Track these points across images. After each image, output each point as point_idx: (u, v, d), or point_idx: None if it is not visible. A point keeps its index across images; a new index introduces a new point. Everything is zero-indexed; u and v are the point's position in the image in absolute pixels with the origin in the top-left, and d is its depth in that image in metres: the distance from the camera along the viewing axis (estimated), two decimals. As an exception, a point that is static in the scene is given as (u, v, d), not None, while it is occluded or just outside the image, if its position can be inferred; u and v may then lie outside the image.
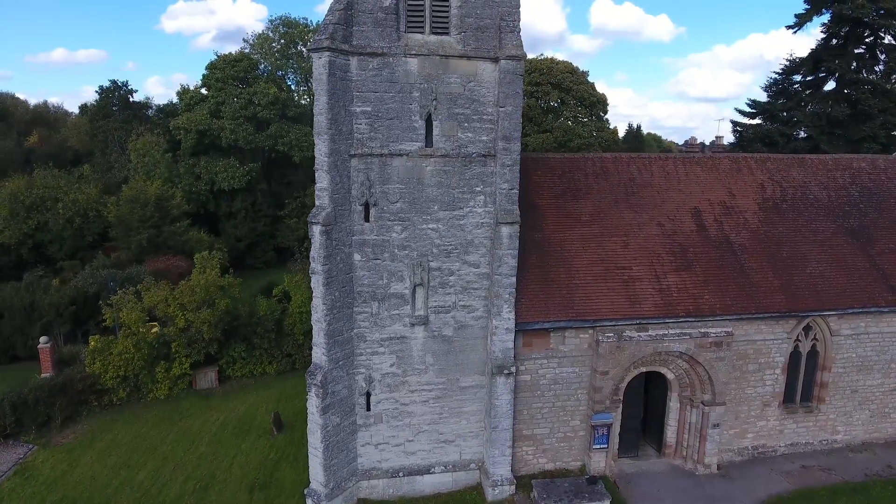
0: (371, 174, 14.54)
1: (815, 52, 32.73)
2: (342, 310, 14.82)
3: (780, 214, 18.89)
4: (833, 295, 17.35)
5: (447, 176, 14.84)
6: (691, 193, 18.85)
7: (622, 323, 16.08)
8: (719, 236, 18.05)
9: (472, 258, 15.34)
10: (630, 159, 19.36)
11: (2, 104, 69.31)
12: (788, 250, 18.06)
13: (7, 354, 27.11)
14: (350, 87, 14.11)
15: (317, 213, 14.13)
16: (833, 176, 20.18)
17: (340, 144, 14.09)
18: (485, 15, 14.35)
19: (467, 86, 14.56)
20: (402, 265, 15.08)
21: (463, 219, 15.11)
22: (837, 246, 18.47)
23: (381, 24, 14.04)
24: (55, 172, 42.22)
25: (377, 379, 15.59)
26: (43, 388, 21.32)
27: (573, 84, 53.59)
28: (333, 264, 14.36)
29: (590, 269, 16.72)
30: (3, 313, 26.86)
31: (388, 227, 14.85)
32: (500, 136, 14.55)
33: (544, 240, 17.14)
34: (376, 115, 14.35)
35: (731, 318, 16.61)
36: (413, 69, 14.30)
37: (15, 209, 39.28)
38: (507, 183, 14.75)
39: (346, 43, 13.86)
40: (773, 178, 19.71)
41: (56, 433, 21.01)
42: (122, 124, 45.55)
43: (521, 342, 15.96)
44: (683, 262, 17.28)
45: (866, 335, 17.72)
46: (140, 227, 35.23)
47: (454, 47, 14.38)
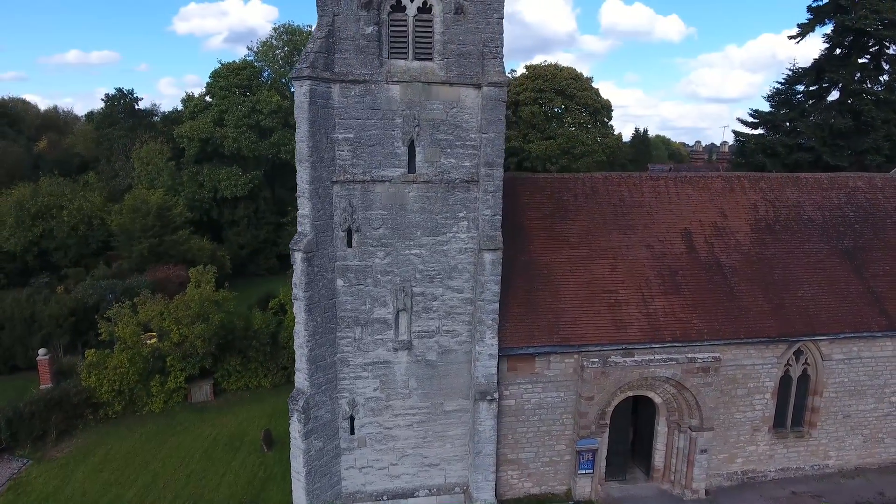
0: (353, 200, 14.56)
1: (818, 62, 32.28)
2: (325, 335, 14.86)
3: (772, 235, 18.67)
4: (825, 319, 17.12)
5: (430, 202, 14.82)
6: (682, 214, 18.68)
7: (607, 348, 15.97)
8: (709, 258, 17.87)
9: (455, 283, 15.31)
10: (620, 179, 19.23)
11: (12, 109, 70.15)
12: (780, 273, 17.85)
13: (7, 365, 27.42)
14: (332, 113, 14.14)
15: (298, 240, 14.18)
16: (828, 195, 19.91)
17: (322, 171, 14.12)
18: (467, 41, 14.31)
19: (450, 112, 14.53)
20: (385, 290, 15.08)
21: (446, 244, 15.08)
22: (831, 268, 18.23)
23: (363, 51, 14.04)
24: (60, 180, 42.73)
25: (361, 403, 15.61)
26: (38, 402, 21.56)
27: (577, 90, 53.37)
28: (315, 290, 14.40)
29: (576, 293, 16.62)
30: (4, 324, 27.17)
31: (371, 252, 14.86)
32: (483, 163, 14.50)
33: (531, 262, 17.06)
34: (358, 141, 14.36)
35: (720, 342, 16.44)
36: (395, 96, 14.29)
37: (20, 217, 39.81)
38: (490, 209, 14.70)
39: (328, 70, 13.88)
40: (766, 197, 19.48)
41: (51, 447, 21.24)
42: (127, 132, 45.97)
43: (505, 366, 15.91)
44: (672, 285, 17.12)
45: (859, 360, 17.46)
46: (141, 236, 35.54)
47: (437, 74, 14.36)
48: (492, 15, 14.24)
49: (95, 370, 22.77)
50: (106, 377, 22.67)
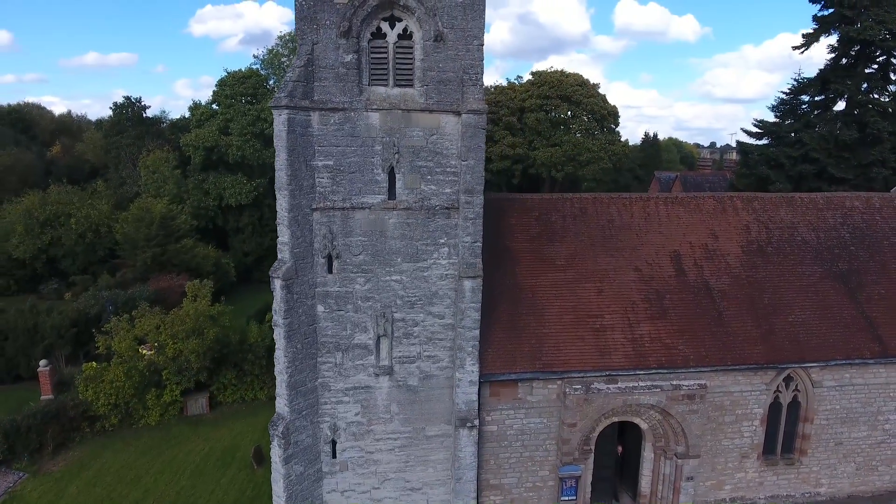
0: (333, 227, 14.59)
1: (823, 73, 31.78)
2: (305, 360, 14.92)
3: (764, 258, 18.39)
4: (815, 345, 16.83)
5: (410, 228, 14.81)
6: (672, 236, 18.48)
7: (590, 374, 15.84)
8: (698, 281, 17.66)
9: (436, 309, 15.28)
10: (610, 200, 19.07)
11: (27, 115, 71.43)
12: (770, 297, 17.58)
13: (11, 375, 27.89)
14: (312, 141, 14.18)
15: (277, 268, 14.25)
16: (823, 216, 19.57)
17: (301, 199, 14.17)
18: (447, 68, 14.27)
19: (430, 139, 14.50)
20: (366, 316, 15.10)
21: (427, 270, 15.06)
22: (823, 292, 17.91)
23: (342, 79, 14.07)
24: (69, 188, 43.40)
25: (342, 427, 15.65)
26: (36, 415, 21.90)
27: (583, 97, 53.05)
28: (295, 317, 14.46)
29: (560, 318, 16.51)
30: (7, 335, 27.64)
31: (352, 278, 14.89)
32: (463, 190, 14.45)
33: (516, 286, 16.98)
34: (338, 168, 14.39)
35: (706, 369, 16.24)
36: (375, 123, 14.30)
37: (29, 225, 40.51)
38: (470, 236, 14.65)
39: (307, 99, 13.93)
40: (759, 218, 19.20)
41: (48, 460, 21.57)
42: (134, 140, 46.56)
43: (488, 392, 15.86)
44: (659, 310, 16.94)
45: (851, 387, 17.14)
46: (145, 245, 35.96)
47: (416, 101, 14.34)
48: (472, 42, 14.18)
49: (92, 383, 23.08)
50: (102, 391, 22.97)
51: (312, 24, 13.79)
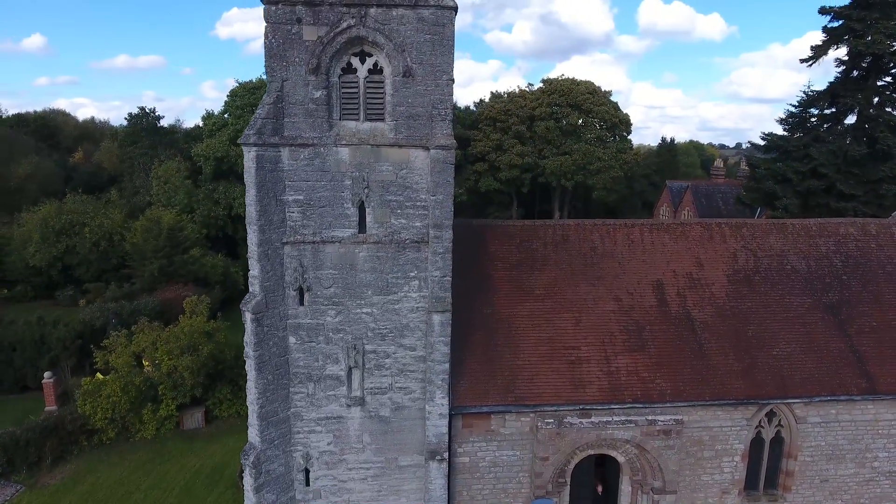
0: (304, 260, 14.73)
1: (832, 86, 30.91)
2: (277, 391, 15.10)
3: (750, 287, 18.01)
4: (798, 380, 16.43)
5: (381, 261, 14.87)
6: (655, 264, 18.21)
7: (564, 408, 15.72)
8: (680, 312, 17.37)
9: (407, 342, 15.32)
10: (593, 226, 18.85)
11: (52, 121, 73.48)
12: (755, 329, 17.21)
13: (18, 385, 28.78)
14: (282, 176, 14.34)
15: (247, 301, 14.45)
16: (815, 243, 19.07)
17: (272, 234, 14.34)
18: (416, 103, 14.28)
19: (399, 173, 14.53)
20: (338, 348, 15.22)
21: (398, 303, 15.10)
22: (811, 324, 17.47)
23: (312, 115, 14.18)
24: (84, 198, 44.54)
25: (315, 456, 15.80)
26: (35, 429, 22.59)
27: (594, 105, 52.57)
28: (266, 349, 14.65)
29: (536, 349, 16.42)
30: (15, 346, 28.52)
31: (323, 311, 15.01)
32: (432, 224, 14.45)
33: (493, 315, 16.93)
34: (308, 203, 14.52)
35: (683, 404, 15.99)
36: (344, 158, 14.39)
37: (46, 234, 41.69)
38: (440, 270, 14.65)
39: (277, 135, 14.08)
40: (747, 246, 18.80)
41: (45, 473, 22.24)
42: (147, 150, 47.60)
43: (461, 423, 15.85)
44: (637, 342, 16.72)
45: (837, 423, 16.69)
46: (153, 256, 36.74)
47: (386, 136, 14.38)
48: (441, 77, 14.17)
49: (90, 398, 23.70)
50: (99, 405, 23.57)
51: (282, 62, 13.93)
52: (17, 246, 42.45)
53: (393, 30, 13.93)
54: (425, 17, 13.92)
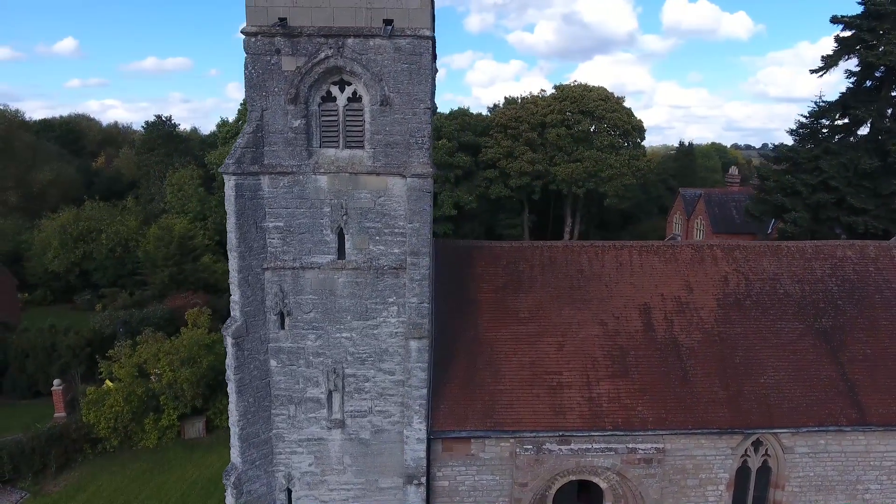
0: (284, 286, 14.97)
1: (844, 96, 30.16)
2: (259, 413, 15.38)
3: (741, 312, 17.71)
4: (786, 410, 16.12)
5: (359, 287, 15.03)
6: (643, 287, 18.03)
7: (542, 434, 15.68)
8: (667, 338, 17.18)
9: (386, 366, 15.46)
10: (582, 248, 18.75)
11: (76, 126, 75.47)
12: (743, 355, 16.93)
13: (31, 390, 29.72)
14: (262, 204, 14.59)
15: (228, 326, 14.74)
16: (811, 266, 18.67)
17: (252, 260, 14.61)
18: (394, 131, 14.40)
19: (377, 200, 14.67)
20: (318, 371, 15.43)
21: (377, 328, 15.24)
22: (802, 350, 17.12)
23: (291, 144, 14.41)
24: (101, 205, 45.72)
25: (297, 477, 16.04)
26: (40, 437, 23.31)
27: (606, 111, 52.08)
28: (246, 372, 14.93)
29: (517, 373, 16.40)
30: (28, 353, 29.47)
31: (303, 335, 15.23)
32: (409, 252, 14.57)
33: (477, 338, 16.96)
34: (288, 229, 14.75)
35: (665, 432, 15.81)
36: (323, 185, 14.58)
37: (64, 240, 42.96)
38: (417, 297, 14.75)
39: (257, 164, 14.33)
40: (739, 269, 18.50)
41: (50, 481, 22.95)
42: (163, 158, 48.60)
43: (440, 447, 15.92)
44: (621, 368, 16.59)
45: (826, 454, 16.33)
46: (163, 265, 37.55)
47: (364, 163, 14.53)
48: (418, 106, 14.26)
49: (94, 407, 24.36)
50: (103, 414, 24.21)
51: (262, 92, 14.18)
52: (38, 251, 43.83)
53: (370, 59, 14.07)
54: (402, 46, 14.03)
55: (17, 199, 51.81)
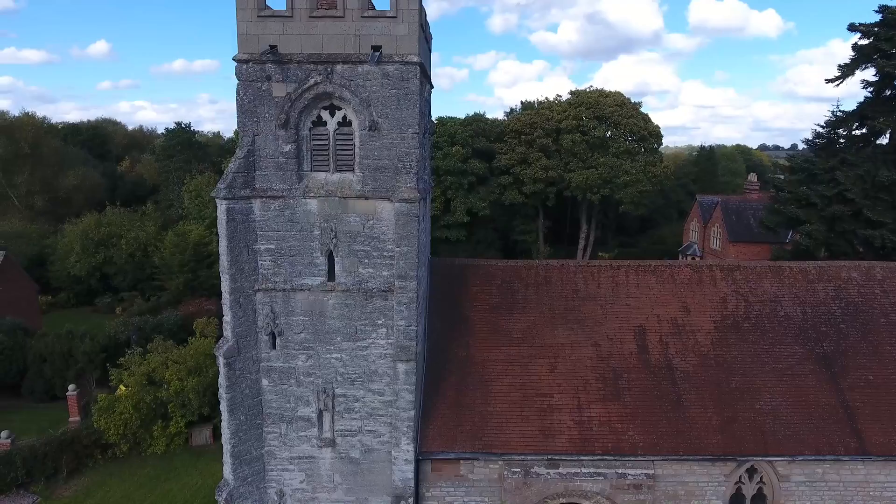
0: (276, 307, 15.21)
1: (862, 106, 29.40)
2: (251, 430, 15.65)
3: (739, 335, 17.43)
4: (781, 437, 15.81)
5: (349, 309, 15.19)
6: (639, 308, 17.86)
7: (531, 458, 15.65)
8: (661, 361, 16.99)
9: (376, 387, 15.59)
10: (577, 268, 18.65)
11: (103, 131, 77.44)
12: (739, 380, 16.65)
13: (48, 394, 30.68)
14: (254, 227, 14.85)
15: (220, 346, 15.05)
16: (813, 288, 18.28)
17: (243, 282, 14.88)
18: (382, 156, 14.53)
19: (366, 224, 14.81)
20: (308, 391, 15.64)
21: (366, 349, 15.39)
22: (801, 376, 16.77)
23: (281, 168, 14.63)
24: (121, 211, 46.90)
25: (288, 493, 16.28)
26: (52, 442, 24.08)
27: (622, 117, 51.60)
28: (238, 391, 15.21)
29: (507, 395, 16.40)
30: (46, 358, 30.42)
31: (294, 355, 15.46)
32: (397, 275, 14.67)
33: (468, 358, 17.01)
34: (279, 252, 14.98)
35: (656, 458, 15.64)
36: (313, 209, 14.77)
37: (86, 245, 44.20)
38: (405, 320, 14.85)
39: (248, 188, 14.60)
40: (739, 290, 18.20)
41: (61, 485, 23.70)
42: (182, 164, 49.62)
43: (429, 467, 16.01)
44: (613, 391, 16.46)
45: (823, 483, 15.97)
46: (179, 271, 38.37)
47: (353, 187, 14.68)
48: (406, 131, 14.37)
49: (105, 414, 25.04)
50: (113, 421, 24.88)
51: (253, 117, 14.43)
52: (61, 256, 45.17)
53: (359, 85, 14.22)
54: (390, 72, 14.15)
55: (44, 204, 53.44)
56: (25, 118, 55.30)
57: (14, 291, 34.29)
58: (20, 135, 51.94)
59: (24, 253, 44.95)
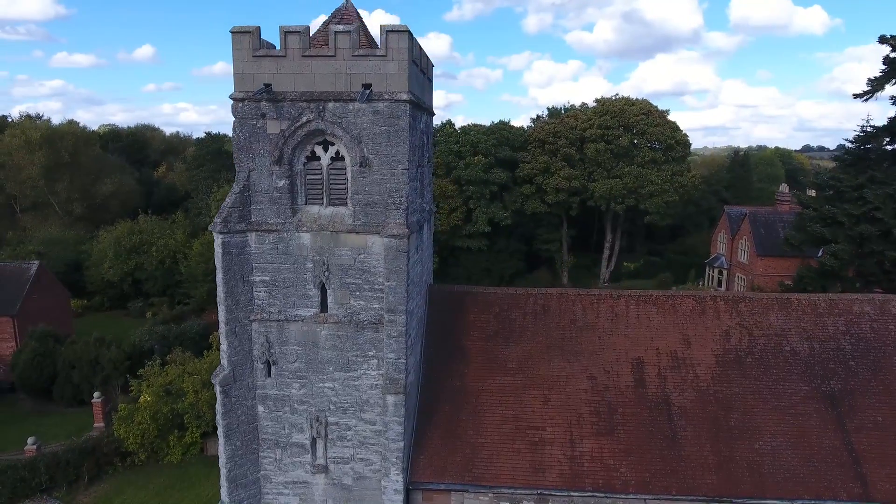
0: (270, 336, 15.60)
1: (893, 122, 28.20)
2: (247, 455, 16.10)
3: (741, 370, 17.02)
4: (780, 479, 15.38)
5: (341, 340, 15.46)
6: (638, 340, 17.62)
7: (520, 492, 15.63)
8: (658, 395, 16.73)
9: (367, 416, 15.83)
10: (577, 297, 18.49)
11: (141, 137, 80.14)
12: (738, 418, 16.27)
13: (76, 399, 32.01)
14: (249, 259, 15.26)
15: (217, 374, 15.53)
16: (823, 322, 17.69)
17: (239, 312, 15.31)
18: (373, 191, 14.73)
19: (358, 257, 15.04)
20: (302, 418, 15.99)
21: (357, 380, 15.64)
22: (804, 415, 16.27)
23: (276, 202, 15.00)
24: (153, 218, 48.51)
25: (283, 517, 16.68)
26: (75, 449, 25.13)
27: (648, 126, 50.66)
28: (234, 418, 15.67)
29: (500, 427, 16.41)
30: (74, 365, 31.75)
31: (288, 383, 15.83)
32: (387, 309, 14.86)
33: (463, 388, 17.08)
34: (274, 283, 15.35)
35: (647, 497, 15.43)
36: (306, 242, 15.09)
37: (119, 251, 45.89)
38: (394, 353, 15.03)
39: (244, 222, 15.01)
40: (743, 323, 17.76)
41: (82, 491, 24.70)
42: (211, 173, 50.98)
43: (420, 497, 16.16)
44: (607, 426, 16.30)
45: (824, 527, 15.47)
46: (203, 280, 39.49)
47: (345, 222, 14.94)
48: (396, 167, 14.54)
49: (124, 423, 26.01)
50: (131, 430, 25.82)
51: (248, 153, 14.83)
52: (96, 261, 47.03)
53: (350, 122, 14.46)
54: (380, 110, 14.34)
55: (83, 210, 55.64)
56: (66, 127, 57.71)
57: (48, 299, 35.88)
58: (61, 144, 54.19)
59: (61, 258, 46.99)
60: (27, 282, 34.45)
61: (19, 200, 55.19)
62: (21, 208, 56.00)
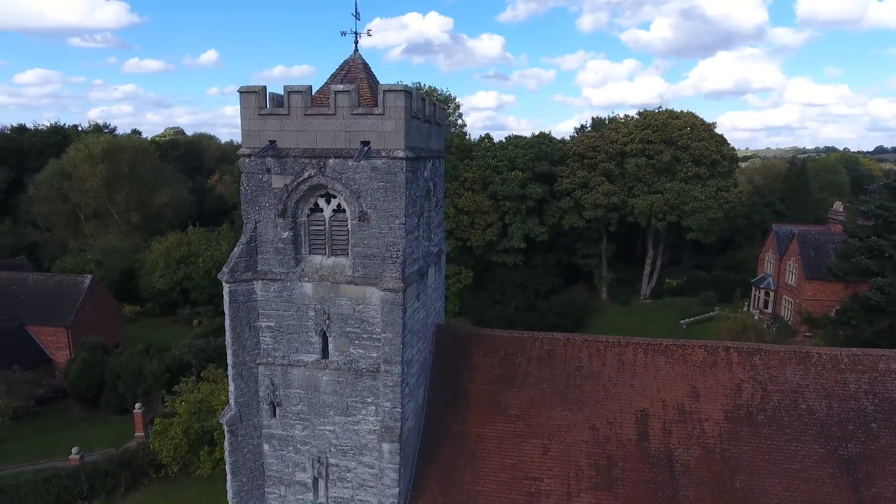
0: (275, 379, 16.23)
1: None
2: (252, 490, 16.82)
3: (751, 428, 16.43)
4: (785, 548, 14.81)
5: (341, 386, 15.92)
6: (644, 391, 17.28)
7: (514, 544, 15.66)
8: (661, 450, 16.37)
9: (366, 460, 16.23)
10: (584, 343, 18.30)
11: (198, 146, 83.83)
12: (745, 479, 15.73)
13: (121, 408, 34.06)
14: (255, 306, 15.92)
15: (225, 413, 16.28)
16: (844, 379, 16.84)
17: (246, 356, 16.01)
18: (372, 244, 15.10)
19: (357, 308, 15.45)
20: (305, 458, 16.56)
21: (357, 424, 16.06)
22: (817, 480, 15.57)
23: (280, 253, 15.59)
24: (201, 230, 50.87)
25: (288, 550, 17.33)
26: (113, 460, 26.85)
27: (692, 140, 49.18)
28: (240, 455, 16.40)
29: (497, 475, 16.47)
30: (120, 375, 33.80)
31: (291, 424, 16.43)
32: (383, 360, 15.21)
33: (463, 434, 17.23)
34: (278, 329, 15.97)
35: (643, 557, 15.17)
36: (308, 292, 15.62)
37: (168, 262, 48.37)
38: (390, 402, 15.35)
39: (250, 270, 15.69)
40: (756, 377, 17.12)
41: (119, 500, 26.39)
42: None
43: (417, 540, 16.45)
44: (605, 480, 16.09)
45: None
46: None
47: (345, 273, 15.37)
48: (393, 221, 14.84)
49: (159, 436, 27.53)
50: (165, 444, 27.30)
51: (255, 206, 15.48)
52: (148, 270, 49.75)
53: (349, 178, 14.87)
54: (378, 166, 14.68)
55: (139, 219, 58.86)
56: (126, 140, 61.16)
57: (100, 311, 38.25)
58: (121, 156, 57.46)
59: (117, 267, 49.90)
60: (80, 294, 36.84)
61: (83, 209, 58.93)
62: (84, 216, 59.78)
